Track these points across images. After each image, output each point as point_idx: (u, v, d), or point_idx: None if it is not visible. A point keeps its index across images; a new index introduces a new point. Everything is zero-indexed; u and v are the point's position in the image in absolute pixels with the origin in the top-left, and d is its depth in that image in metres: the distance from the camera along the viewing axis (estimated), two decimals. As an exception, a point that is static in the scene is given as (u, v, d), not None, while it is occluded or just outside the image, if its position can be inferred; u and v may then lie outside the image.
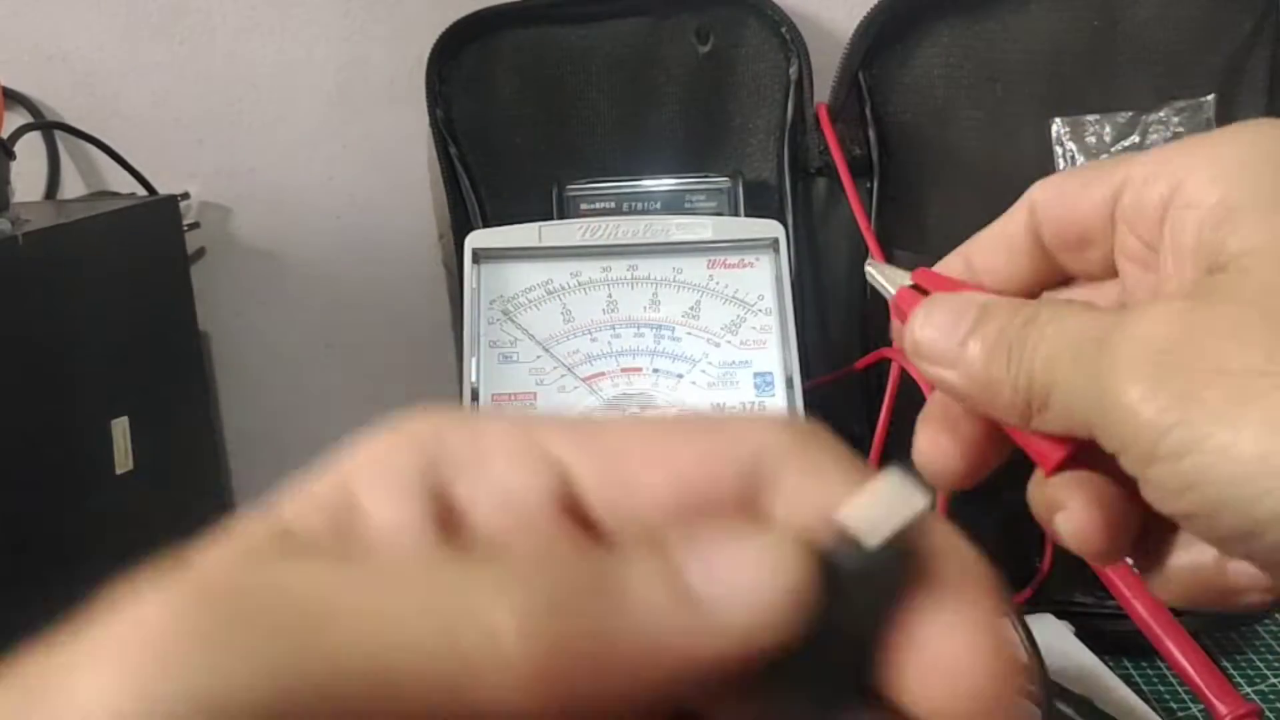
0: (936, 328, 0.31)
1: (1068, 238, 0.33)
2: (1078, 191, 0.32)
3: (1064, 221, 0.32)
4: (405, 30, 0.80)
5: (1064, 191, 0.33)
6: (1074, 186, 0.32)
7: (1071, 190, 0.32)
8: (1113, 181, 0.31)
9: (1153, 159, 0.30)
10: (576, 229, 0.64)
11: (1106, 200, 0.31)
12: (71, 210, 0.72)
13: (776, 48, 0.73)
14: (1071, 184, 0.33)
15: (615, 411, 0.60)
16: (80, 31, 0.82)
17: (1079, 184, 0.32)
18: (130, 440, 0.69)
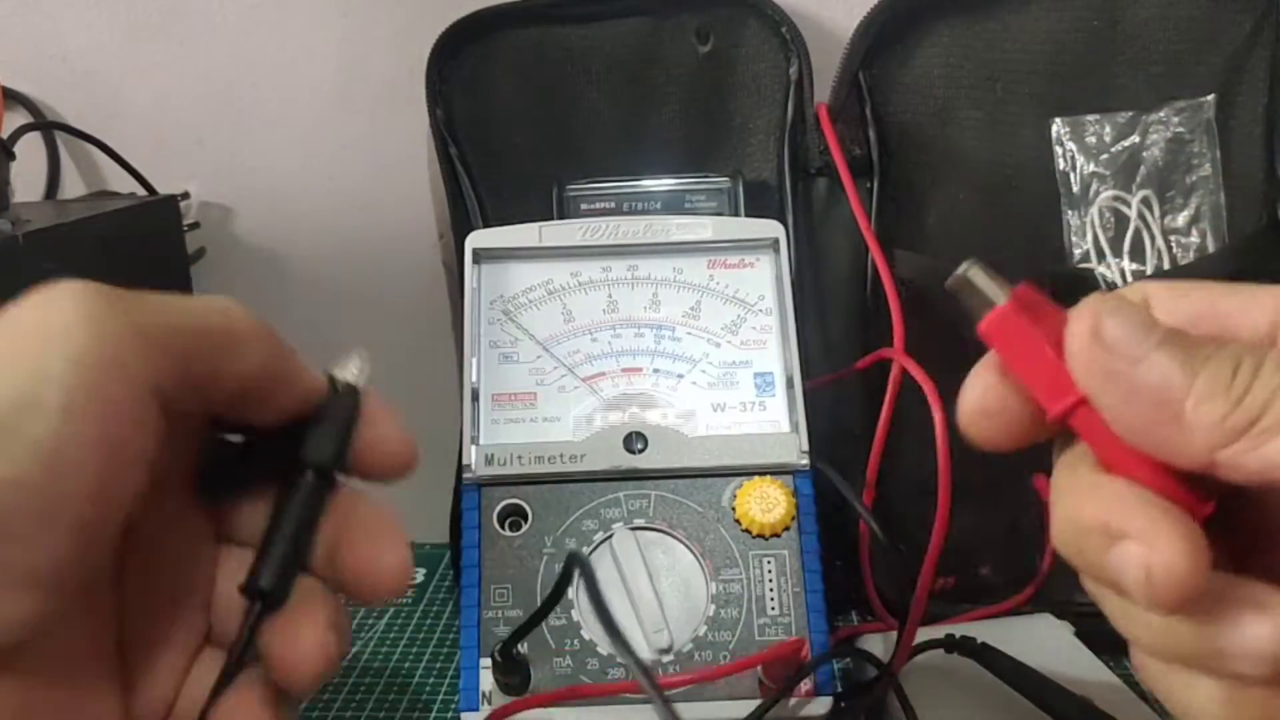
0: (1127, 311, 0.29)
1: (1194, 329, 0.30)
2: (1220, 299, 0.29)
3: (1196, 316, 0.30)
4: (405, 30, 0.80)
5: (1192, 299, 0.30)
6: (1211, 297, 0.30)
7: (1207, 300, 0.30)
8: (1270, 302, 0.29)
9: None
10: (577, 229, 0.64)
11: (1269, 317, 0.29)
12: (71, 210, 0.72)
13: (777, 48, 0.73)
14: (1204, 291, 0.30)
15: (617, 413, 0.60)
16: (80, 31, 0.82)
17: (1217, 297, 0.29)
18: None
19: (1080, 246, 0.70)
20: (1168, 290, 0.30)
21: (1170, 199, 0.69)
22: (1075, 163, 0.70)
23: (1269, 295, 0.28)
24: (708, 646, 0.55)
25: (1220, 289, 0.29)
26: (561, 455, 0.58)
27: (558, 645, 0.55)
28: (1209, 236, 0.69)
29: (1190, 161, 0.69)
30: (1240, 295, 0.29)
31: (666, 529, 0.57)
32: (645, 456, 0.58)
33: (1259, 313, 0.28)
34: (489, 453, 0.58)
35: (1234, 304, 0.29)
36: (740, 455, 0.58)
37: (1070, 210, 0.70)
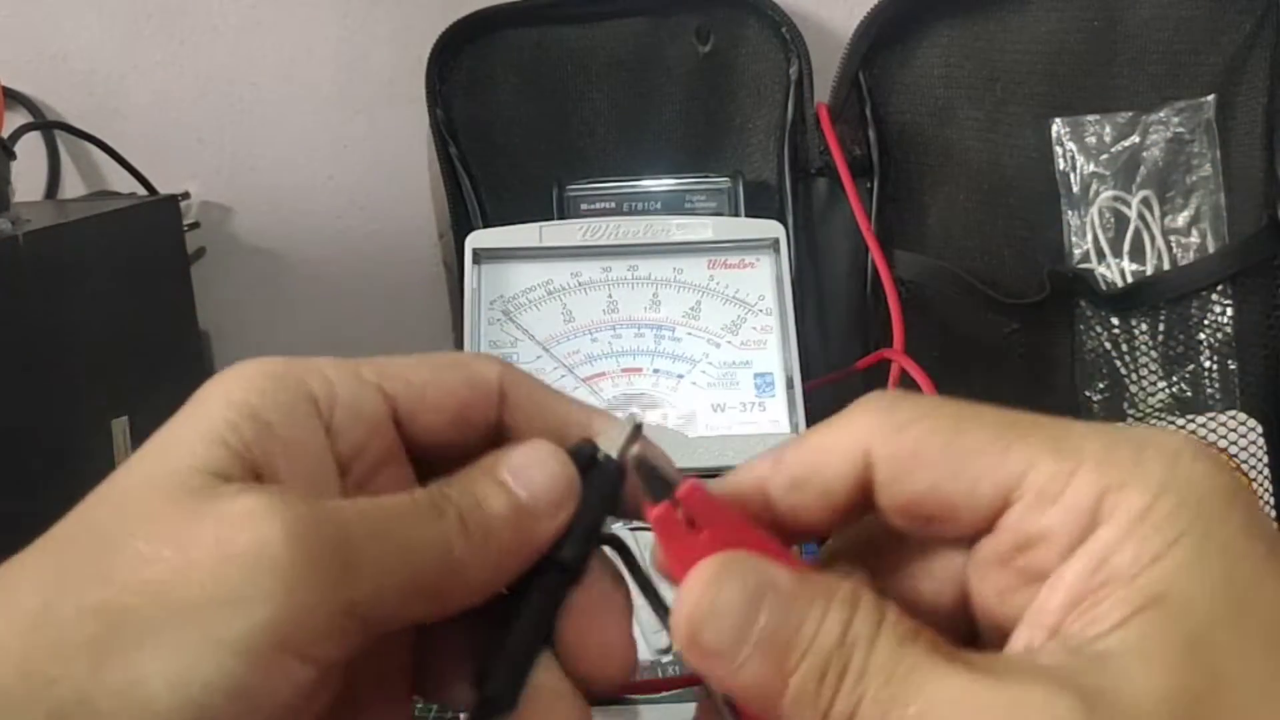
0: (723, 615, 0.26)
1: (912, 514, 0.27)
2: (946, 477, 0.26)
3: (915, 502, 0.27)
4: (405, 30, 0.80)
5: (921, 465, 0.26)
6: (939, 464, 0.26)
7: (933, 468, 0.26)
8: (1003, 476, 0.25)
9: (1060, 466, 0.25)
10: (577, 229, 0.64)
11: (992, 500, 0.26)
12: (72, 210, 0.72)
13: (777, 48, 0.73)
14: (935, 457, 0.26)
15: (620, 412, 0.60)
16: (81, 31, 0.82)
17: (948, 464, 0.26)
18: (130, 440, 0.69)
19: (1080, 246, 0.70)
20: (892, 471, 0.27)
21: (1170, 199, 0.69)
22: (1075, 163, 0.70)
23: (990, 482, 0.25)
24: (708, 646, 0.54)
25: (945, 469, 0.26)
26: (561, 455, 0.58)
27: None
28: (1209, 236, 0.69)
29: (1190, 162, 0.69)
30: (963, 480, 0.26)
31: (666, 529, 0.57)
32: (645, 457, 0.58)
33: (982, 498, 0.26)
34: (489, 453, 0.58)
35: (957, 490, 0.26)
36: (740, 456, 0.58)
37: (1070, 210, 0.70)
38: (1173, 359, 0.68)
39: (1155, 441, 0.25)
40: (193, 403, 0.28)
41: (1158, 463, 0.25)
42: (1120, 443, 0.25)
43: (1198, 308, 0.68)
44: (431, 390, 0.30)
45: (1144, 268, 0.69)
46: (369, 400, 0.29)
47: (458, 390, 0.30)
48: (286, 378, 0.28)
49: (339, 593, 0.25)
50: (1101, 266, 0.70)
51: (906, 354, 0.64)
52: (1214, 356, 0.68)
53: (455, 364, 0.31)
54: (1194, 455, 0.25)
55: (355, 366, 0.30)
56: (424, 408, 0.30)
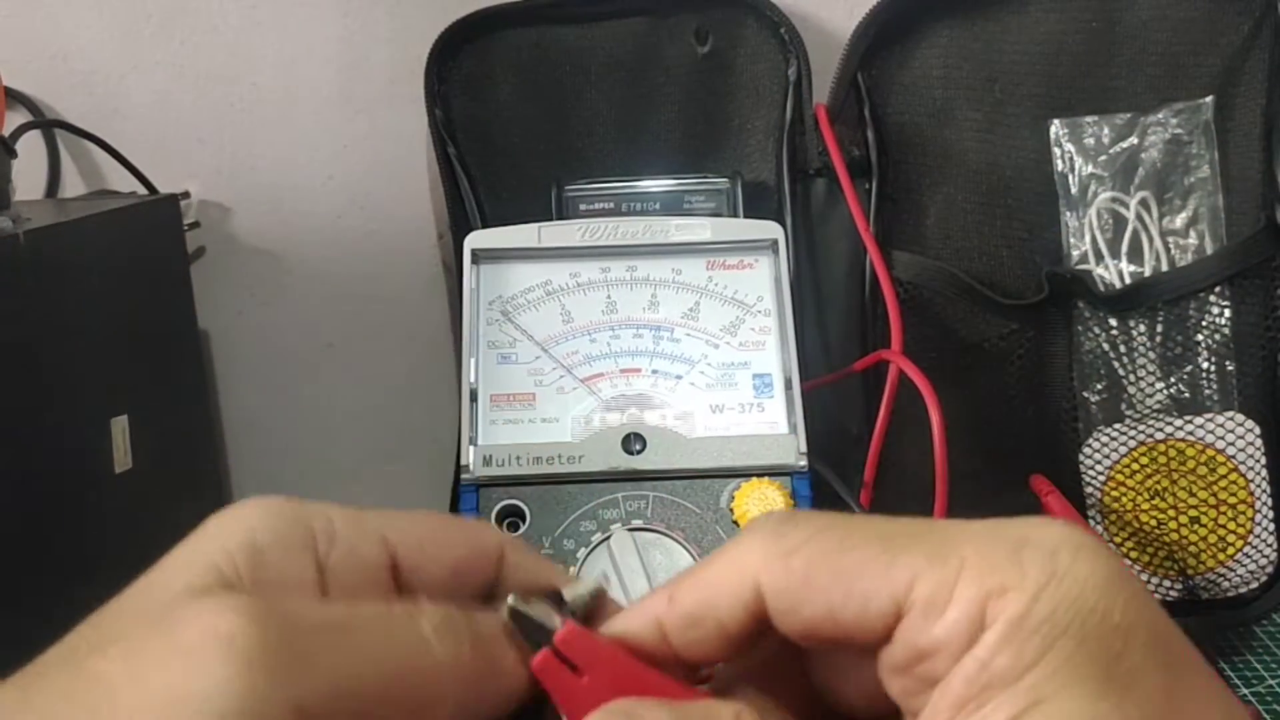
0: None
1: (813, 637, 0.27)
2: (838, 599, 0.26)
3: (812, 625, 0.27)
4: (405, 30, 0.80)
5: (813, 590, 0.27)
6: (830, 587, 0.26)
7: (824, 592, 0.26)
8: (891, 590, 0.26)
9: (943, 576, 0.26)
10: (576, 230, 0.64)
11: (884, 615, 0.26)
12: (72, 209, 0.72)
13: (775, 48, 0.73)
14: (824, 581, 0.26)
15: (615, 414, 0.60)
16: (81, 30, 0.82)
17: (838, 586, 0.26)
18: (129, 439, 0.69)
19: (1078, 248, 0.70)
20: (785, 601, 0.27)
21: (1168, 200, 0.69)
22: (1073, 164, 0.70)
23: (879, 600, 0.26)
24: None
25: (835, 593, 0.26)
26: (560, 456, 0.58)
27: (556, 645, 0.55)
28: (1207, 238, 0.69)
29: (1188, 163, 0.69)
30: (854, 600, 0.26)
31: (664, 530, 0.57)
32: (643, 458, 0.58)
33: (874, 616, 0.26)
34: (487, 453, 0.58)
35: (849, 611, 0.26)
36: (738, 456, 0.58)
37: (1068, 211, 0.70)
38: (1171, 360, 0.69)
39: (1034, 539, 0.26)
40: (198, 532, 0.30)
41: (1035, 564, 0.25)
42: (999, 543, 0.26)
43: (1196, 309, 0.68)
44: (431, 544, 0.31)
45: (1142, 269, 0.69)
46: (369, 546, 0.30)
47: (457, 547, 0.32)
48: (288, 513, 0.30)
49: (289, 688, 0.25)
50: (1100, 267, 0.70)
51: (905, 355, 0.64)
52: (1212, 357, 0.68)
53: (458, 524, 0.33)
54: (1073, 552, 0.26)
55: (360, 514, 0.31)
56: (424, 560, 0.31)
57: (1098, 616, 0.25)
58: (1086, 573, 0.25)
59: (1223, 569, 0.68)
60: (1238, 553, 0.68)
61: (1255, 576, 0.68)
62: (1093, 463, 0.69)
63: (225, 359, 0.88)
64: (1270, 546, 0.67)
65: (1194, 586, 0.68)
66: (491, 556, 0.32)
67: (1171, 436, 0.68)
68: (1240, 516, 0.67)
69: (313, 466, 0.90)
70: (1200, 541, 0.68)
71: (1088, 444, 0.69)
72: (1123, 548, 0.69)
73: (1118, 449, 0.69)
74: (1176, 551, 0.68)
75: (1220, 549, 0.68)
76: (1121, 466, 0.69)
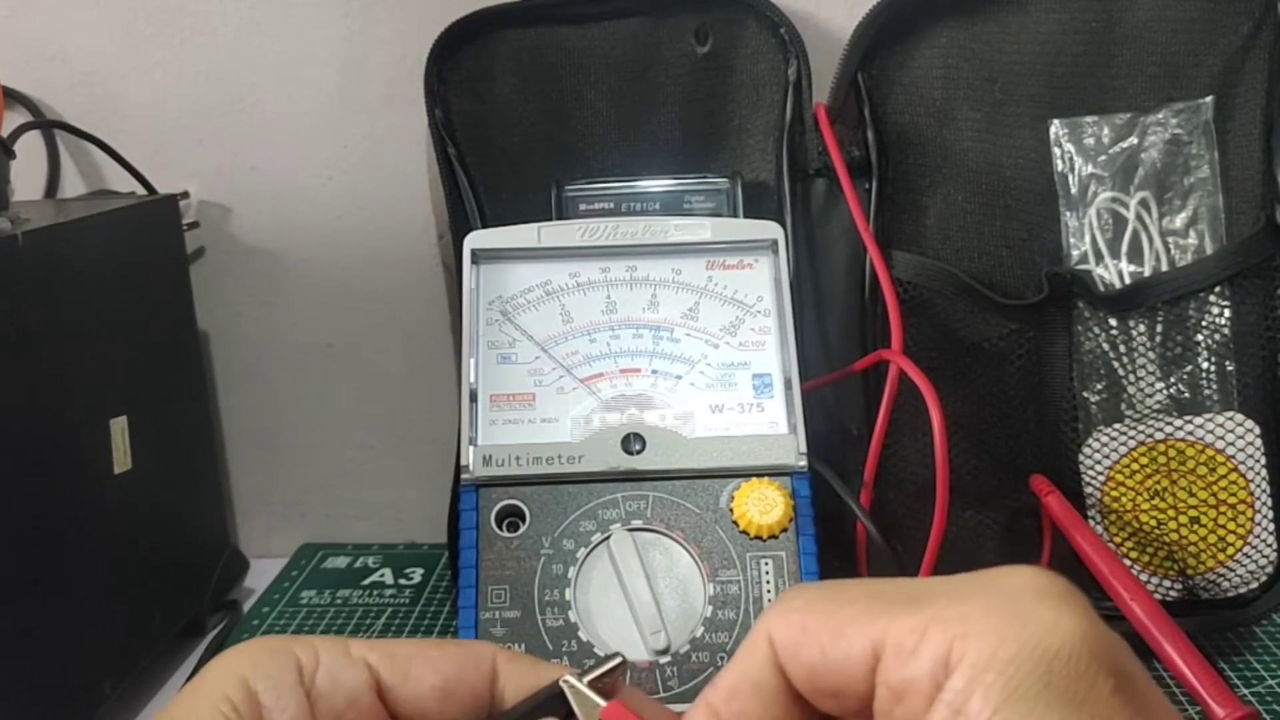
0: None
1: (819, 687, 0.30)
2: (829, 643, 0.29)
3: (814, 671, 0.30)
4: (405, 30, 0.80)
5: (809, 637, 0.30)
6: (821, 633, 0.29)
7: (818, 638, 0.29)
8: (870, 635, 0.28)
9: (914, 622, 0.28)
10: (575, 230, 0.64)
11: (866, 656, 0.28)
12: (71, 209, 0.72)
13: (775, 48, 0.73)
14: (817, 628, 0.29)
15: (615, 414, 0.60)
16: (80, 31, 0.82)
17: (828, 632, 0.29)
18: (129, 440, 0.69)
19: (1078, 248, 0.70)
20: (790, 649, 0.30)
21: (1168, 200, 0.69)
22: (1073, 164, 0.70)
23: (860, 645, 0.29)
24: (705, 648, 0.55)
25: (827, 638, 0.29)
26: (559, 456, 0.58)
27: (554, 646, 0.55)
28: (1207, 238, 0.69)
29: (1188, 163, 0.69)
30: (841, 644, 0.29)
31: (664, 530, 0.57)
32: (643, 458, 0.58)
33: (858, 659, 0.29)
34: (487, 453, 0.58)
35: (837, 653, 0.29)
36: (738, 457, 0.58)
37: (1068, 211, 0.70)
38: (1171, 360, 0.69)
39: (1000, 585, 0.28)
40: (200, 676, 0.34)
41: (999, 610, 0.27)
42: (969, 592, 0.28)
43: (1195, 309, 0.68)
44: (416, 663, 0.35)
45: (1142, 269, 0.69)
46: (350, 669, 0.34)
47: (442, 664, 0.35)
48: (278, 651, 0.34)
49: None
50: (1099, 268, 0.70)
51: (905, 355, 0.64)
52: (1212, 357, 0.68)
53: (446, 643, 0.36)
54: (1036, 596, 0.27)
55: (346, 642, 0.35)
56: (406, 679, 0.34)
57: (1063, 659, 0.26)
58: (1052, 617, 0.26)
59: (1223, 569, 0.68)
60: (1237, 553, 0.68)
61: (1255, 576, 0.68)
62: (1093, 463, 0.69)
63: (225, 359, 0.88)
64: (1270, 546, 0.67)
65: (1194, 586, 0.68)
66: (483, 671, 0.35)
67: (1171, 436, 0.68)
68: (1240, 516, 0.67)
69: (313, 466, 0.90)
70: (1200, 541, 0.68)
71: (1088, 444, 0.69)
72: (1122, 548, 0.69)
73: (1118, 449, 0.69)
74: (1176, 551, 0.68)
75: (1220, 549, 0.68)
76: (1121, 466, 0.69)
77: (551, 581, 0.56)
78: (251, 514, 0.91)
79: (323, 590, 0.83)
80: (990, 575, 0.28)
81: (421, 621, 0.77)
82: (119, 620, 0.69)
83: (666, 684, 0.54)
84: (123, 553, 0.70)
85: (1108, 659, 0.26)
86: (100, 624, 0.67)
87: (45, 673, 0.61)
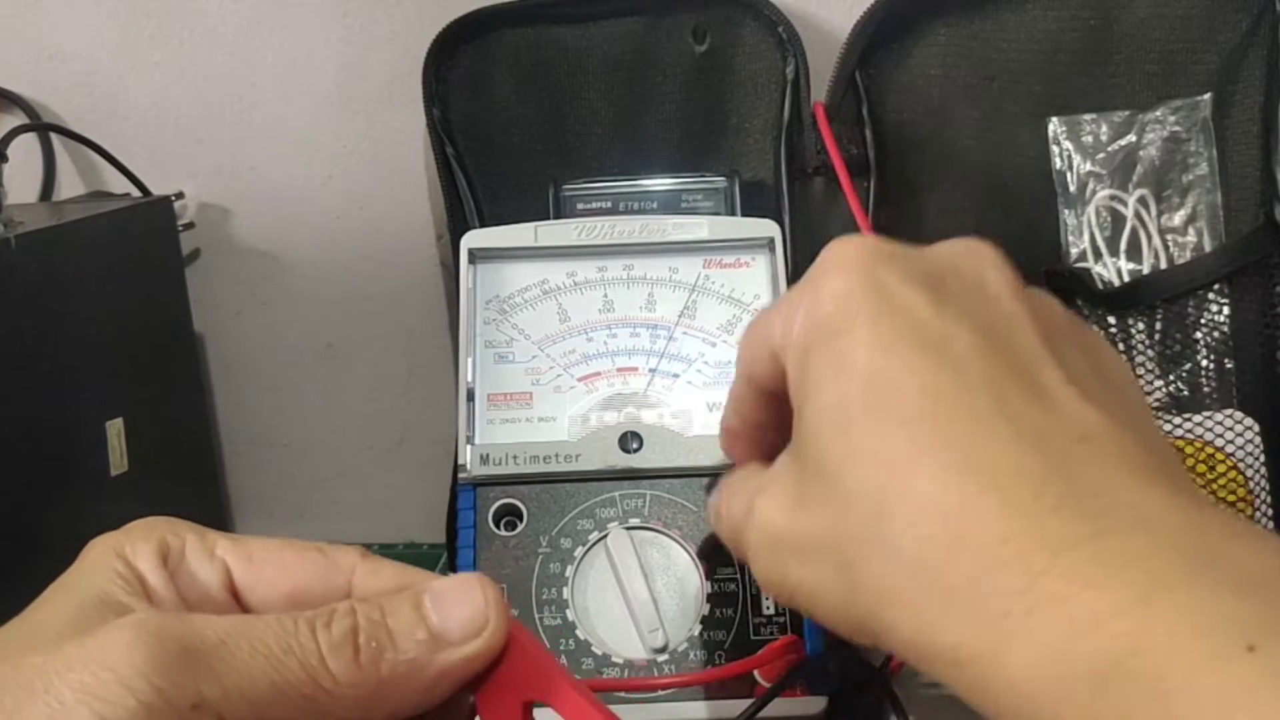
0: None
1: (765, 385, 0.41)
2: (762, 358, 0.39)
3: (759, 376, 0.40)
4: (405, 30, 0.80)
5: (753, 359, 0.41)
6: (758, 356, 0.40)
7: (755, 360, 0.40)
8: (769, 344, 0.39)
9: (784, 316, 0.38)
10: (572, 229, 0.64)
11: (770, 355, 0.39)
12: (65, 211, 0.72)
13: (773, 47, 0.73)
14: (752, 354, 0.41)
15: (612, 412, 0.60)
16: (79, 31, 0.82)
17: (761, 355, 0.39)
18: (125, 442, 0.69)
19: (1077, 246, 0.70)
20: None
21: (1167, 198, 0.69)
22: (1072, 162, 0.70)
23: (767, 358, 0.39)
24: (703, 646, 0.55)
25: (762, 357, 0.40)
26: (557, 455, 0.58)
27: (552, 644, 0.55)
28: (1205, 235, 0.69)
29: (1187, 161, 0.69)
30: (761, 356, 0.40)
31: (662, 528, 0.57)
32: (641, 456, 0.58)
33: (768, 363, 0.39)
34: (484, 452, 0.58)
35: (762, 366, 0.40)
36: (736, 455, 0.58)
37: (1067, 209, 0.70)
38: (1169, 358, 0.68)
39: (818, 261, 0.37)
40: (87, 551, 0.36)
41: (803, 286, 0.37)
42: (803, 282, 0.37)
43: (1194, 306, 0.68)
44: (271, 568, 0.35)
45: (1140, 266, 0.69)
46: (207, 565, 0.35)
47: (298, 571, 0.35)
48: (150, 536, 0.35)
49: (185, 689, 0.29)
50: (1098, 265, 0.70)
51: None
52: (1211, 355, 0.68)
53: (311, 547, 0.36)
54: (824, 267, 0.36)
55: (214, 538, 0.36)
56: (259, 581, 0.35)
57: (826, 316, 0.36)
58: (824, 282, 0.36)
59: (1222, 567, 0.68)
60: (1237, 551, 0.67)
61: (1255, 575, 0.68)
62: (1092, 461, 0.69)
63: (224, 359, 0.88)
64: (1270, 545, 0.67)
65: (1194, 585, 0.68)
66: (338, 583, 0.35)
67: (1170, 435, 0.68)
68: (1239, 515, 0.67)
69: (311, 466, 0.90)
70: (1200, 540, 0.68)
71: (1087, 442, 0.69)
72: (1122, 546, 0.68)
73: (1117, 447, 0.69)
74: (1176, 550, 0.68)
75: (1220, 547, 0.68)
76: (1121, 465, 0.69)
77: (549, 580, 0.56)
78: (250, 515, 0.91)
79: (322, 590, 0.82)
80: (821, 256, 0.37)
81: (421, 622, 0.77)
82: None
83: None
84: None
85: (842, 323, 0.35)
86: (98, 625, 0.67)
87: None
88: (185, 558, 0.35)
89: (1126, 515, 0.29)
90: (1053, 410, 0.32)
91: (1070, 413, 0.32)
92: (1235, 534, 0.29)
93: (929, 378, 0.32)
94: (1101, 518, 0.29)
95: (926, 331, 0.33)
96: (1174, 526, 0.29)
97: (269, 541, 0.36)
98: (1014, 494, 0.30)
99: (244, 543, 0.36)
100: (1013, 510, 0.30)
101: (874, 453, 0.32)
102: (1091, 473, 0.30)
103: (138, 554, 0.34)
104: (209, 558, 0.35)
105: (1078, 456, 0.31)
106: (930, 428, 0.32)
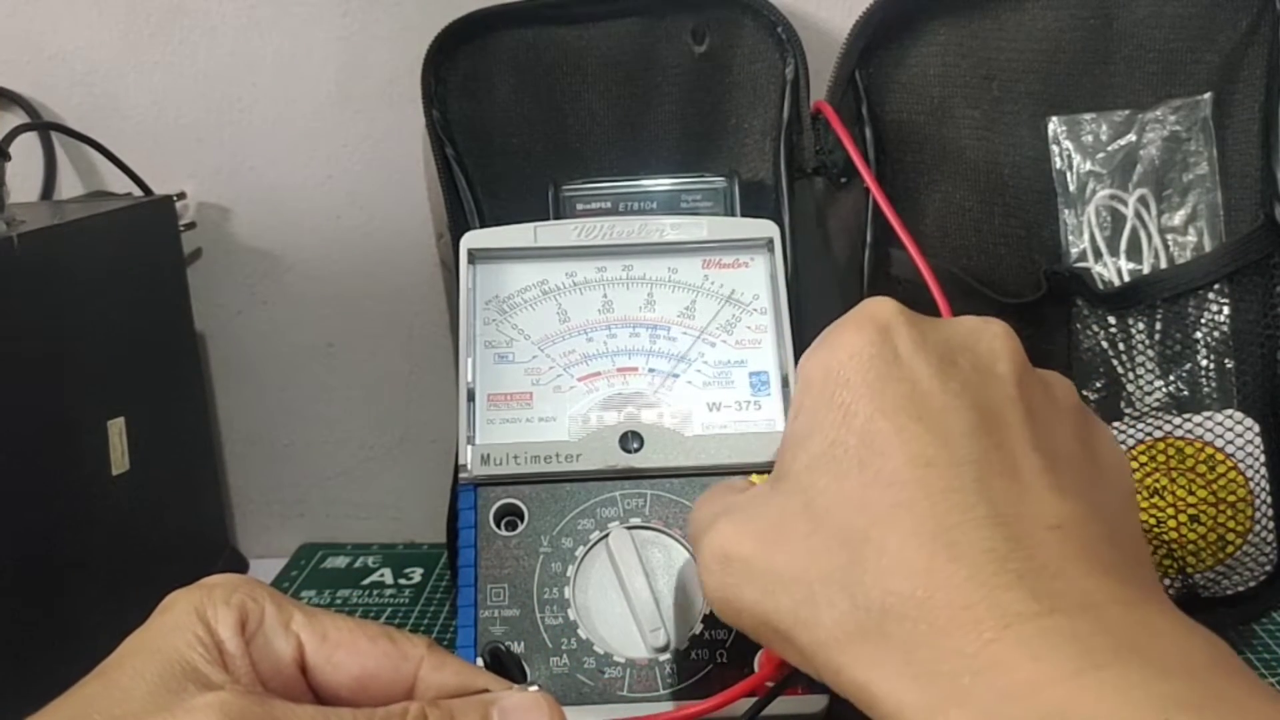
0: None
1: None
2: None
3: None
4: (405, 30, 0.80)
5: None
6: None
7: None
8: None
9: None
10: (572, 229, 0.64)
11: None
12: (67, 211, 0.72)
13: (773, 47, 0.73)
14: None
15: (612, 412, 0.60)
16: (79, 31, 0.82)
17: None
18: (126, 441, 0.69)
19: (1077, 245, 0.70)
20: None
21: (1167, 197, 0.69)
22: (1072, 161, 0.70)
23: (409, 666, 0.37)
24: (704, 645, 0.55)
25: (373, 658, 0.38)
26: (557, 455, 0.58)
27: (554, 644, 0.55)
28: (1205, 235, 0.69)
29: (1187, 160, 0.69)
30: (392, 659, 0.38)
31: (663, 528, 0.57)
32: (641, 456, 0.58)
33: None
34: (485, 453, 0.58)
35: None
36: (736, 454, 0.58)
37: (1067, 209, 0.70)
38: (1170, 358, 0.68)
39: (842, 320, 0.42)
40: (167, 608, 0.36)
41: (820, 342, 0.43)
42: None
43: (1195, 306, 0.68)
44: (343, 652, 0.36)
45: (1141, 266, 0.69)
46: (282, 639, 0.36)
47: (367, 657, 0.37)
48: (232, 603, 0.36)
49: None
50: (1098, 265, 0.70)
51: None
52: (1211, 355, 0.68)
53: (383, 634, 0.37)
54: (842, 324, 0.42)
55: (292, 610, 0.37)
56: (329, 663, 0.36)
57: (832, 372, 0.41)
58: (839, 340, 0.42)
59: (1222, 567, 0.68)
60: (1237, 550, 0.67)
61: (1255, 575, 0.68)
62: (1092, 461, 0.69)
63: (224, 359, 0.88)
64: (1270, 545, 0.67)
65: (1193, 585, 0.68)
66: (405, 671, 0.37)
67: (1170, 435, 0.68)
68: (1239, 515, 0.67)
69: (312, 466, 0.90)
70: (1200, 540, 0.68)
71: (1087, 442, 0.69)
72: (1122, 546, 0.68)
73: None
74: (1176, 550, 0.68)
75: (1220, 547, 0.68)
76: (1121, 464, 0.69)
77: (550, 580, 0.56)
78: (250, 514, 0.91)
79: (322, 590, 0.83)
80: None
81: (421, 621, 0.77)
82: (117, 622, 0.69)
83: (666, 682, 0.54)
84: (121, 554, 0.70)
85: (853, 376, 0.39)
86: (98, 625, 0.67)
87: (43, 674, 0.61)
88: (263, 627, 0.36)
89: (1075, 599, 0.32)
90: (1027, 496, 0.35)
91: (1045, 501, 0.35)
92: (1170, 625, 0.32)
93: (920, 449, 0.35)
94: (1053, 598, 0.31)
95: (928, 404, 0.36)
96: (1116, 613, 0.31)
97: (341, 621, 0.37)
98: (979, 567, 0.32)
99: (318, 619, 0.37)
100: (975, 581, 0.32)
101: (860, 505, 0.35)
102: (1053, 557, 0.33)
103: (219, 619, 0.35)
104: (284, 630, 0.36)
105: (1044, 541, 0.33)
106: (914, 495, 0.34)
